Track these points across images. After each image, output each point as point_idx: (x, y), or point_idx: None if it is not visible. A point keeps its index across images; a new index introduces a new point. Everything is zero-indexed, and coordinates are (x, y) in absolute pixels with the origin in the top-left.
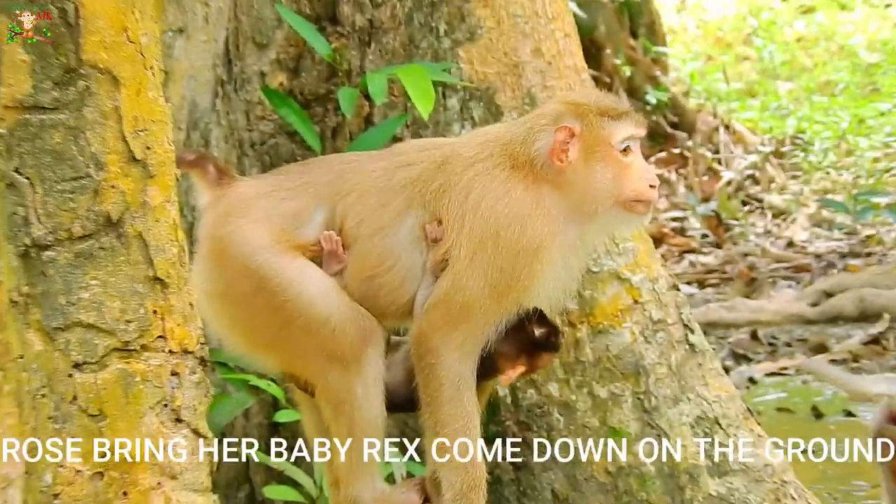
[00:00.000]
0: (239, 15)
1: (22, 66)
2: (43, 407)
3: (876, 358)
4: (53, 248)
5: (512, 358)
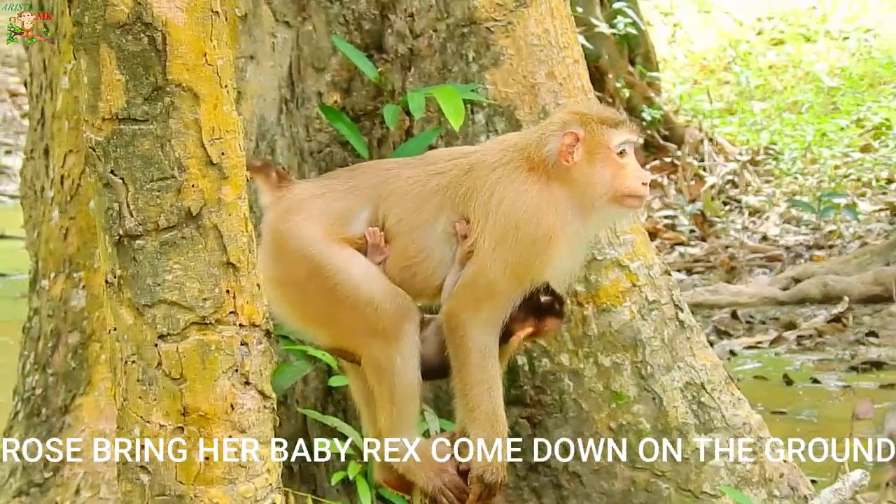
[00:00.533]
0: (301, 44)
1: (117, 84)
2: (132, 371)
3: (837, 334)
4: (142, 238)
5: (521, 320)
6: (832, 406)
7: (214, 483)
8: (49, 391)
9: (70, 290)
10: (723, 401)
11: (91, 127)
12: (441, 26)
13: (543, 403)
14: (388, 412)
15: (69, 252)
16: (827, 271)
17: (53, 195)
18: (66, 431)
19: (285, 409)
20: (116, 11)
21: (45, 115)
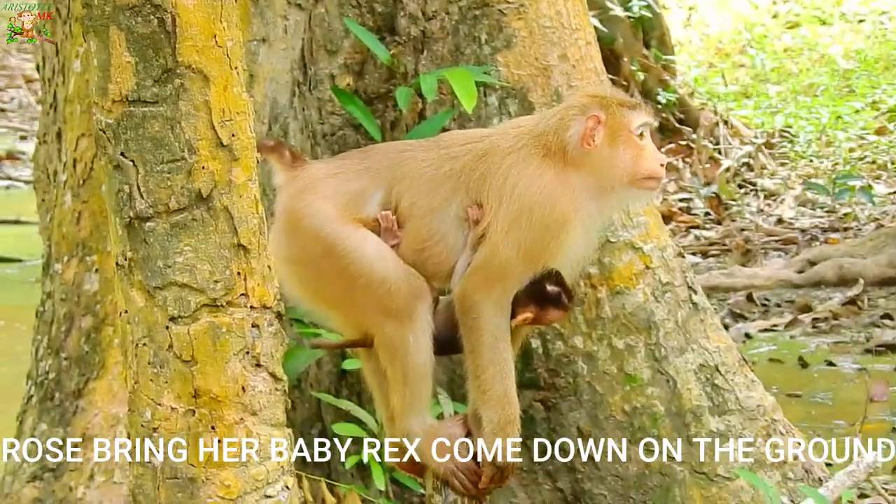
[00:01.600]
0: (313, 27)
1: (127, 66)
2: (144, 354)
3: (852, 316)
4: (153, 220)
5: (523, 304)
6: (847, 388)
7: (226, 466)
8: (62, 375)
9: (83, 273)
10: (737, 383)
11: (101, 109)
12: (453, 9)
13: (557, 386)
14: (401, 393)
15: (82, 236)
16: (842, 254)
17: (66, 179)
18: (79, 416)
19: (299, 393)
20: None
21: (57, 99)
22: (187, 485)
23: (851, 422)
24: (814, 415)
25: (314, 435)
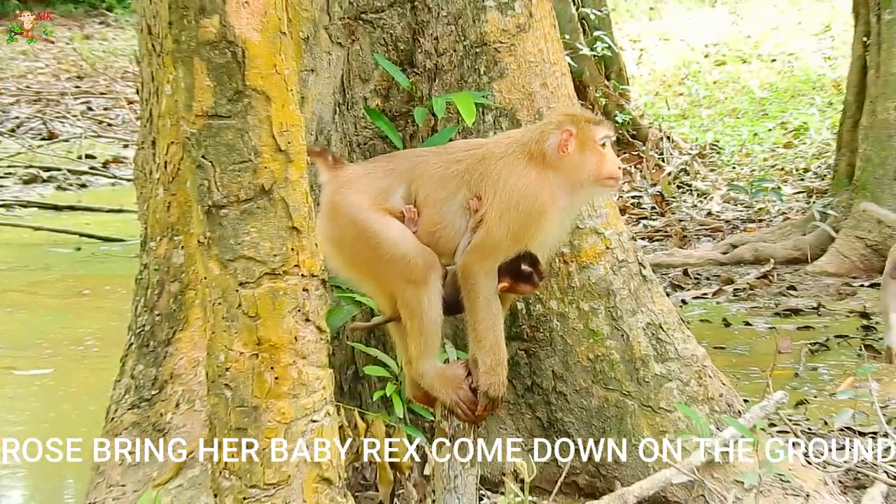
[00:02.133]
0: (350, 60)
1: (207, 88)
2: (219, 311)
3: (765, 287)
4: (226, 208)
5: (501, 276)
6: (760, 343)
7: (282, 397)
8: (155, 328)
9: (171, 250)
10: (676, 337)
11: (187, 122)
12: (459, 47)
13: (537, 339)
14: (417, 343)
15: (171, 221)
16: (757, 239)
17: (159, 177)
18: (168, 359)
19: (338, 343)
20: (207, 32)
21: (152, 115)
22: (251, 411)
23: (763, 368)
24: (734, 363)
25: (349, 375)
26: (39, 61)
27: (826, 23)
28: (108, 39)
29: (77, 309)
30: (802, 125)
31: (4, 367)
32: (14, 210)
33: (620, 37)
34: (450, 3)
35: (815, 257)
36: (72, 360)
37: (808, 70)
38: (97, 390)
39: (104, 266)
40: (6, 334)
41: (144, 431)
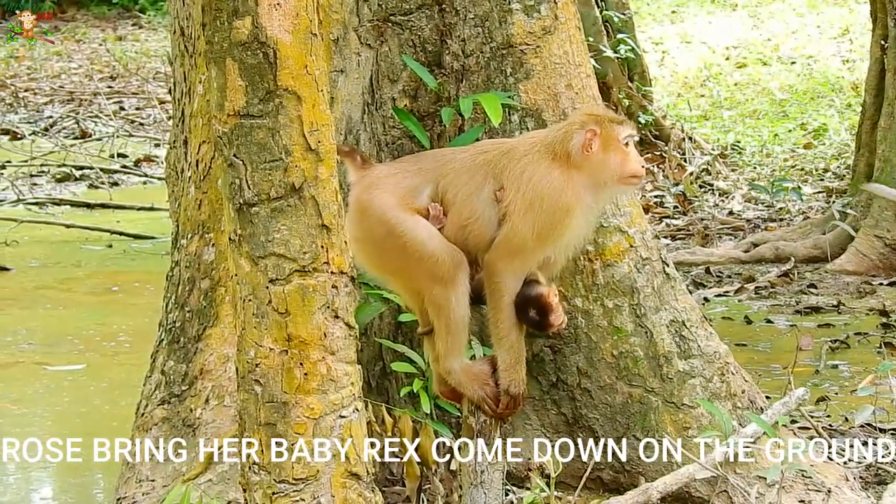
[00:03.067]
0: (379, 61)
1: (239, 88)
2: (249, 307)
3: (786, 286)
4: (257, 205)
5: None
6: (782, 340)
7: (311, 393)
8: (186, 324)
9: (202, 247)
10: (698, 334)
11: (219, 121)
12: (486, 48)
13: (562, 335)
14: (444, 340)
15: (202, 218)
16: (778, 238)
17: (190, 175)
18: (198, 355)
19: (366, 339)
20: (239, 33)
21: (184, 114)
22: (281, 407)
23: (785, 365)
24: (756, 360)
25: (377, 371)
26: (73, 62)
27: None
28: (140, 41)
29: (109, 305)
30: (822, 126)
31: (37, 363)
32: (47, 208)
33: (643, 39)
34: (477, 6)
35: (834, 256)
36: (104, 356)
37: (827, 72)
38: (129, 386)
39: (135, 263)
40: (39, 330)
41: (174, 427)
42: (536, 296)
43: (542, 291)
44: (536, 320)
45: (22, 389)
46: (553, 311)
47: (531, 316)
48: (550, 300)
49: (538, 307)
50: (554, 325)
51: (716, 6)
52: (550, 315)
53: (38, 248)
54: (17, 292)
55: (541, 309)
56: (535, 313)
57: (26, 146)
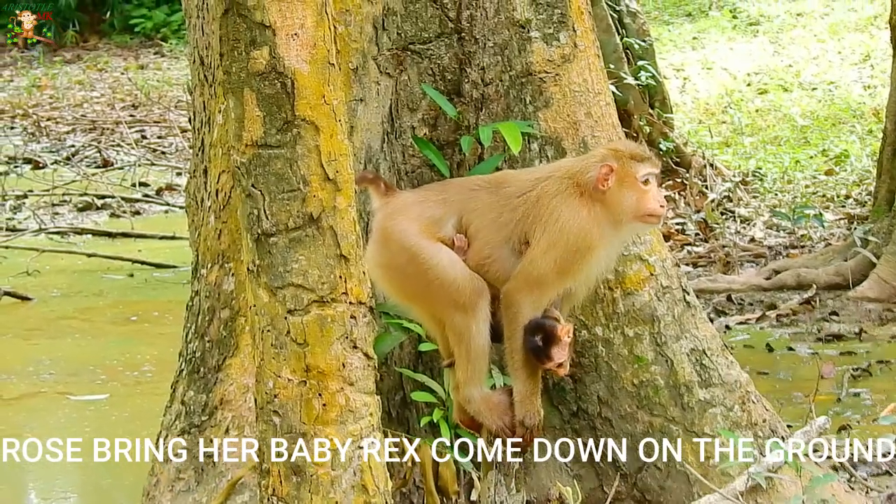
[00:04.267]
0: (398, 90)
1: (257, 119)
2: (267, 338)
3: (807, 313)
4: (275, 236)
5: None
6: (803, 368)
7: (329, 423)
8: (206, 354)
9: (222, 277)
10: (719, 363)
11: (237, 151)
12: (505, 77)
13: (583, 364)
14: (464, 368)
15: (222, 248)
16: (800, 265)
17: (210, 205)
18: (218, 385)
19: (386, 369)
20: (257, 63)
21: (204, 144)
22: (300, 438)
23: (806, 394)
24: (778, 388)
25: (397, 401)
26: (95, 91)
27: (865, 52)
28: (162, 69)
29: (131, 335)
30: (843, 152)
31: (59, 393)
32: (69, 237)
33: (664, 66)
34: (496, 34)
35: (856, 283)
36: (126, 386)
37: (848, 98)
38: (150, 416)
39: (157, 292)
40: (61, 360)
41: (195, 457)
42: (549, 326)
43: (556, 324)
44: (539, 347)
45: (44, 419)
46: (558, 344)
47: (535, 341)
48: (560, 333)
49: (545, 335)
50: (553, 358)
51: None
52: (553, 347)
53: (59, 277)
54: (39, 322)
55: (546, 337)
56: (540, 340)
57: (48, 175)
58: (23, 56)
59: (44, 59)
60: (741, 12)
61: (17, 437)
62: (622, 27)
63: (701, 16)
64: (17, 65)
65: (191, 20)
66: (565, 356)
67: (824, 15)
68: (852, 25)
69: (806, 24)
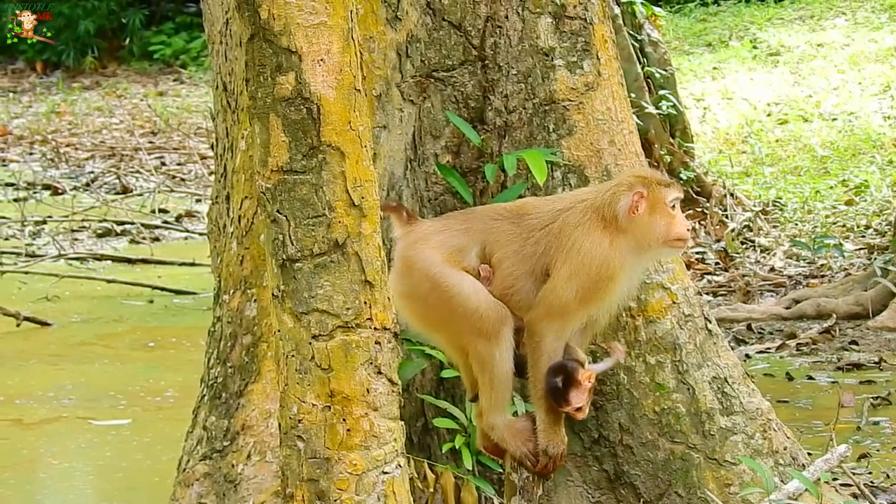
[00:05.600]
0: (421, 117)
1: (283, 144)
2: (291, 363)
3: (827, 342)
4: (300, 261)
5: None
6: (823, 397)
7: (353, 449)
8: (228, 380)
9: (245, 303)
10: (741, 391)
11: (262, 177)
12: (529, 105)
13: (604, 392)
14: (488, 395)
15: (244, 274)
16: (820, 295)
17: (232, 231)
18: (240, 411)
19: (408, 395)
20: (282, 89)
21: (227, 170)
22: (323, 463)
23: (826, 422)
24: (798, 417)
25: (419, 427)
26: (114, 117)
27: (886, 83)
28: (181, 96)
29: (150, 361)
30: (863, 183)
31: (79, 418)
32: (88, 263)
33: (685, 96)
34: (520, 62)
35: (876, 312)
36: (148, 412)
37: (868, 129)
38: (172, 441)
39: (177, 318)
40: (81, 386)
41: (216, 482)
42: (571, 368)
43: (579, 368)
44: (558, 388)
45: (64, 444)
46: (578, 388)
47: (555, 382)
48: (581, 378)
49: (566, 377)
50: (571, 403)
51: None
52: (572, 390)
53: (79, 303)
54: (59, 348)
55: (567, 380)
56: (561, 382)
57: (67, 201)
58: (41, 82)
59: (63, 84)
60: (761, 42)
61: (37, 461)
62: (643, 56)
63: (721, 46)
64: (36, 91)
65: (213, 46)
66: (584, 401)
67: (844, 46)
68: (873, 56)
69: (826, 55)
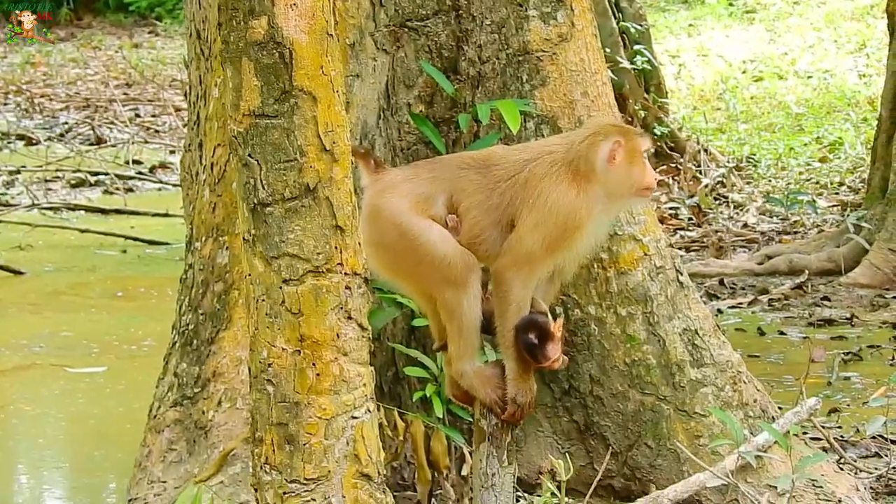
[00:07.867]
0: (395, 67)
1: (255, 88)
2: (262, 308)
3: (799, 298)
4: (272, 206)
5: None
6: (794, 352)
7: (323, 393)
8: (199, 327)
9: (216, 250)
10: (711, 343)
11: (234, 121)
12: (502, 55)
13: (575, 343)
14: (457, 343)
15: (216, 221)
16: (792, 251)
17: (205, 178)
18: (211, 358)
19: (379, 344)
20: (255, 33)
21: (199, 117)
22: (293, 407)
23: (797, 377)
24: (769, 371)
25: (389, 376)
26: (89, 68)
27: (861, 41)
28: (156, 48)
29: (123, 310)
30: (837, 140)
31: (53, 365)
32: (62, 213)
33: (660, 52)
34: (494, 13)
35: (848, 269)
36: (122, 360)
37: (843, 87)
38: (145, 389)
39: (149, 268)
40: (55, 334)
41: (186, 429)
42: (542, 322)
43: (549, 320)
44: (533, 345)
45: (37, 391)
46: (553, 341)
47: (530, 339)
48: (554, 330)
49: (540, 333)
50: (549, 357)
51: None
52: (548, 345)
53: (52, 252)
54: (33, 297)
55: (542, 335)
56: (535, 337)
57: (42, 152)
58: None
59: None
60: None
61: (8, 406)
62: (619, 11)
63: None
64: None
65: None
66: (559, 351)
67: (821, 3)
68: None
69: (802, 13)
